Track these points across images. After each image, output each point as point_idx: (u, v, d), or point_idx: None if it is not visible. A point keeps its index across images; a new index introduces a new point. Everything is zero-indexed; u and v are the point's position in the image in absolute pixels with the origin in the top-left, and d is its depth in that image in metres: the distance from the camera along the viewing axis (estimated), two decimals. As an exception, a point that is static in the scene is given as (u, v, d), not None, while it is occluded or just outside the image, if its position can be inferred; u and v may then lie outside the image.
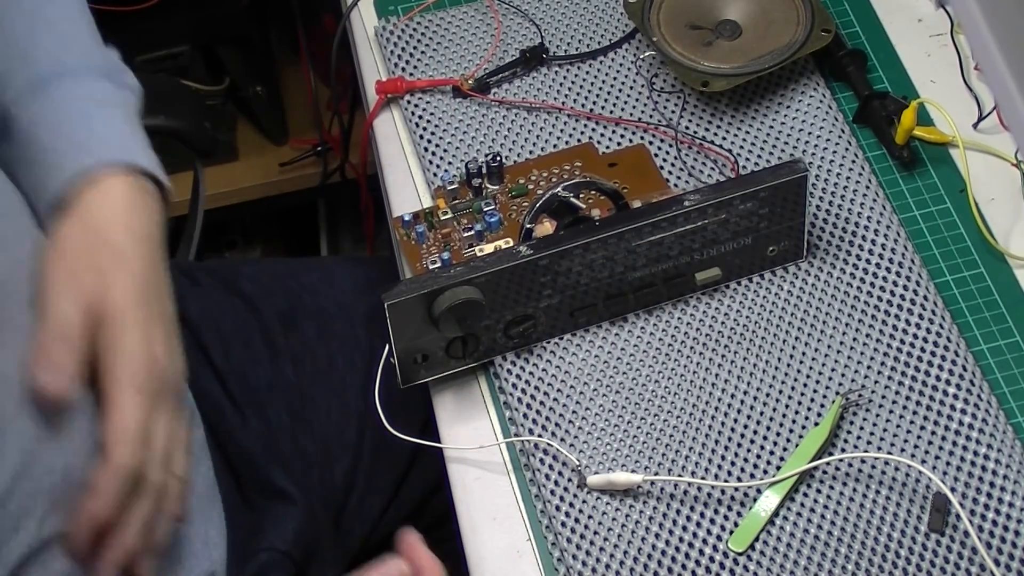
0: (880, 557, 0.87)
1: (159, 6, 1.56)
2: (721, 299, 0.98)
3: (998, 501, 0.88)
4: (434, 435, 0.95)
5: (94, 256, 0.81)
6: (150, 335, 0.81)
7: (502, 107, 1.07)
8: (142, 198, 0.85)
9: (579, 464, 0.91)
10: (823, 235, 1.00)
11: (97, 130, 0.85)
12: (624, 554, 0.88)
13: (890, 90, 1.07)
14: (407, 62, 1.10)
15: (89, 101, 0.86)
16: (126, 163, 0.84)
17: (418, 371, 0.94)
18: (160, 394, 0.81)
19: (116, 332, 0.80)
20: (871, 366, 0.94)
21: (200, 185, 1.34)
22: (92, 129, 0.85)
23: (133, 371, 0.80)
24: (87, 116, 0.85)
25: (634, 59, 1.09)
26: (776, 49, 1.04)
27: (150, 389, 0.80)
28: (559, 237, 0.93)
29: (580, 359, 0.95)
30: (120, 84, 0.90)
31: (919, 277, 0.97)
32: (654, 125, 1.06)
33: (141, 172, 0.85)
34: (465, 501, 0.92)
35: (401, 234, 1.00)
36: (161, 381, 0.81)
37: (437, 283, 0.90)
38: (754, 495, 0.90)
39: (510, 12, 1.12)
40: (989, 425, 0.91)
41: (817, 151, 1.04)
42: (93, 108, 0.86)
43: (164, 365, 0.81)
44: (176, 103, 1.28)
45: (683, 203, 0.92)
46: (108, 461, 0.78)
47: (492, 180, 1.02)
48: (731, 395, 0.94)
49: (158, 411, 0.80)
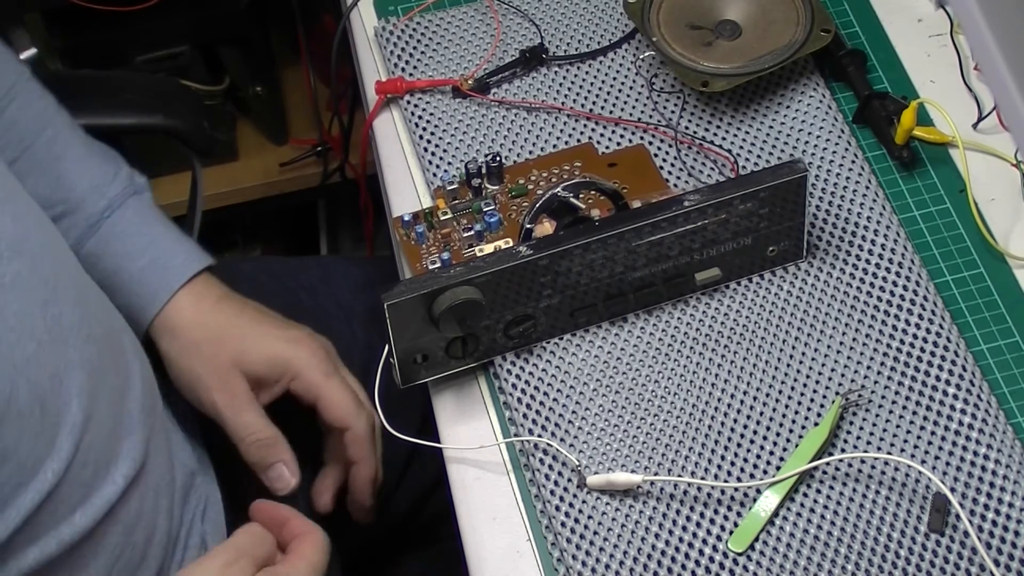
0: (880, 557, 0.87)
1: (159, 6, 1.56)
2: (721, 299, 0.98)
3: (998, 501, 0.88)
4: (433, 435, 0.95)
5: (227, 345, 0.99)
6: (294, 335, 1.01)
7: (502, 107, 1.07)
8: (212, 283, 1.02)
9: (579, 464, 0.91)
10: (823, 235, 1.00)
11: (163, 255, 1.01)
12: (624, 554, 0.88)
13: (890, 90, 1.07)
14: (407, 62, 1.10)
15: (142, 226, 1.01)
16: (195, 272, 1.00)
17: (418, 371, 0.94)
18: (337, 365, 1.02)
19: (293, 367, 1.00)
20: (871, 366, 0.94)
21: (198, 184, 1.34)
22: (159, 255, 1.00)
23: (318, 367, 1.00)
24: (151, 242, 1.01)
25: (634, 59, 1.09)
26: (776, 49, 1.04)
27: (331, 368, 1.00)
28: (559, 237, 0.92)
29: (580, 359, 0.95)
30: (140, 189, 1.03)
31: (919, 277, 0.97)
32: (654, 125, 1.06)
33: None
34: (465, 501, 0.92)
35: (401, 234, 1.00)
36: (330, 355, 1.02)
37: (437, 283, 0.90)
38: (754, 495, 0.90)
39: (510, 12, 1.12)
40: (989, 425, 0.91)
41: (817, 151, 1.04)
42: (147, 229, 1.01)
43: (323, 344, 1.02)
44: (174, 102, 1.28)
45: (683, 203, 0.92)
46: (354, 432, 1.00)
47: (492, 180, 1.02)
48: (731, 395, 0.94)
49: (342, 375, 1.01)
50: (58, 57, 1.67)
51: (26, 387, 0.79)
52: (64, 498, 0.82)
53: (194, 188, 1.34)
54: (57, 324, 0.82)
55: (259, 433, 0.99)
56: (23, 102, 1.01)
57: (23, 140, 1.00)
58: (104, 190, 1.01)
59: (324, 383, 0.99)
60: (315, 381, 0.99)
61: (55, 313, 0.83)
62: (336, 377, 1.00)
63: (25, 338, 0.79)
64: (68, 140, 1.02)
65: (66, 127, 1.02)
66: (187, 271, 1.00)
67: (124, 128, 1.21)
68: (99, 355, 0.86)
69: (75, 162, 1.01)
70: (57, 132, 1.01)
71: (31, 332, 0.80)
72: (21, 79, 1.02)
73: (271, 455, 0.99)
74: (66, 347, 0.83)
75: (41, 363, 0.80)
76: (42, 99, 1.02)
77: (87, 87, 1.09)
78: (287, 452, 1.00)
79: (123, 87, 1.27)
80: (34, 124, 1.01)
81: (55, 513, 0.82)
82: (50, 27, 1.65)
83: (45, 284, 0.83)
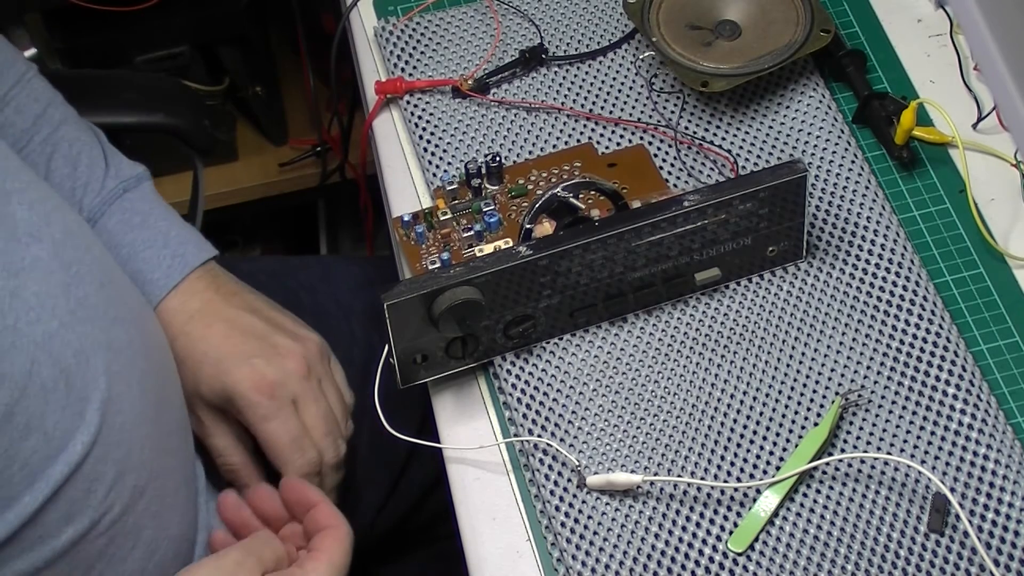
0: (880, 557, 0.87)
1: (159, 6, 1.56)
2: (721, 299, 0.98)
3: (998, 501, 0.88)
4: (433, 434, 0.95)
5: (189, 371, 0.98)
6: (249, 361, 0.98)
7: (501, 107, 1.07)
8: (192, 293, 1.01)
9: (579, 464, 0.91)
10: (823, 235, 1.00)
11: (144, 267, 1.00)
12: (624, 554, 0.88)
13: (889, 90, 1.07)
14: (406, 62, 1.10)
15: (150, 217, 1.02)
16: (203, 262, 1.01)
17: (417, 371, 0.94)
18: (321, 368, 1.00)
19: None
20: (871, 366, 0.94)
21: (200, 184, 1.34)
22: (141, 267, 1.00)
23: (257, 408, 0.97)
24: (131, 254, 1.00)
25: (634, 59, 1.09)
26: (776, 49, 1.04)
27: (273, 408, 0.97)
28: (559, 237, 0.92)
29: (580, 359, 0.95)
30: (140, 178, 1.03)
31: (919, 277, 0.97)
32: (653, 125, 1.06)
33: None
34: (465, 501, 0.92)
35: (401, 234, 1.00)
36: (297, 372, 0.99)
37: (437, 283, 0.90)
38: (754, 495, 0.90)
39: (510, 12, 1.12)
40: (989, 425, 0.91)
41: (817, 151, 1.04)
42: (131, 235, 1.01)
43: (284, 365, 0.99)
44: (176, 101, 1.29)
45: (683, 203, 0.92)
46: (287, 476, 0.97)
47: (492, 180, 1.02)
48: (731, 395, 0.94)
49: (306, 402, 0.98)
50: (58, 57, 1.67)
51: (48, 362, 0.81)
52: (96, 475, 0.84)
53: (195, 188, 1.34)
54: (82, 305, 0.85)
55: (226, 458, 1.00)
56: (18, 105, 1.02)
57: (16, 143, 1.01)
58: (83, 202, 1.01)
59: (259, 426, 0.97)
60: (252, 423, 0.98)
61: (80, 295, 0.85)
62: (276, 420, 0.97)
63: (46, 317, 0.82)
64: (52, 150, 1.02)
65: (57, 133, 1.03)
66: (165, 287, 1.00)
67: (126, 127, 1.22)
68: (127, 337, 0.88)
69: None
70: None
71: (52, 311, 0.82)
72: (23, 79, 1.03)
73: (238, 480, 1.01)
74: (92, 327, 0.85)
75: (65, 340, 0.82)
76: (37, 103, 1.03)
77: (88, 86, 1.09)
78: (254, 478, 1.00)
79: (124, 86, 1.28)
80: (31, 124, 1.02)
81: (89, 490, 0.83)
82: (50, 27, 1.65)
83: (67, 268, 0.85)
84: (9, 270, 0.81)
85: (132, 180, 1.03)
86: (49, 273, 0.83)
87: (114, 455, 0.85)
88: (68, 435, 0.82)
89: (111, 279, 0.91)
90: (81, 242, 0.89)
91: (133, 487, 0.87)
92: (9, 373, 0.79)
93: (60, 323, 0.83)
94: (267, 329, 1.00)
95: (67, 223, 0.89)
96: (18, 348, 0.80)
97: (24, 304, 0.81)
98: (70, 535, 0.83)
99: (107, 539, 0.86)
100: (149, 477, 0.88)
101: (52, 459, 0.81)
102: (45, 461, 0.81)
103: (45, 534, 0.82)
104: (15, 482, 0.80)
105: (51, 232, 0.85)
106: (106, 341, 0.86)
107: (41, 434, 0.80)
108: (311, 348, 1.00)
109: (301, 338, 1.01)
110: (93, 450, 0.83)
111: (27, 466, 0.80)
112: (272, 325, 1.01)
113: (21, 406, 0.79)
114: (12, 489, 0.80)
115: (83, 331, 0.84)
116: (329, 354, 1.03)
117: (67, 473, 0.82)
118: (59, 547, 0.83)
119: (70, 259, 0.86)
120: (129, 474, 0.86)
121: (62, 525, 0.83)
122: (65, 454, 0.82)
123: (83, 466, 0.83)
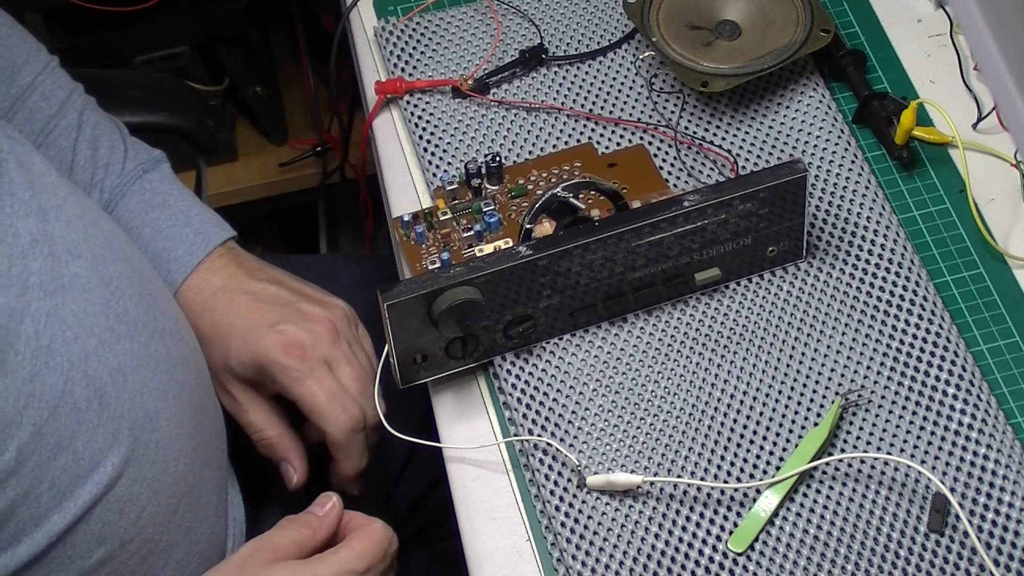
0: (880, 557, 0.87)
1: (159, 6, 1.56)
2: (721, 299, 0.98)
3: (998, 501, 0.88)
4: (433, 434, 0.95)
5: (217, 346, 0.98)
6: (278, 327, 0.97)
7: (501, 107, 1.07)
8: (213, 270, 1.01)
9: (579, 464, 0.91)
10: (823, 235, 1.00)
11: (168, 247, 1.00)
12: (624, 554, 0.88)
13: (889, 90, 1.07)
14: (406, 62, 1.10)
15: (170, 197, 1.03)
16: (224, 240, 1.03)
17: (417, 371, 0.94)
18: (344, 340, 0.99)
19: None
20: (871, 366, 0.94)
21: (203, 184, 1.34)
22: (164, 248, 1.00)
23: (289, 370, 0.96)
24: (181, 212, 1.02)
25: (633, 59, 1.09)
26: (775, 49, 1.04)
27: (306, 368, 0.96)
28: (559, 237, 0.92)
29: (580, 359, 0.95)
30: (158, 160, 1.05)
31: (919, 277, 0.97)
32: (653, 125, 1.06)
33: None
34: (465, 501, 0.92)
35: (400, 234, 1.00)
36: (319, 341, 0.97)
37: (437, 283, 0.90)
38: (754, 495, 0.90)
39: (509, 12, 1.12)
40: (989, 425, 0.91)
41: (816, 151, 1.04)
42: (151, 215, 1.02)
43: (311, 329, 0.98)
44: (179, 101, 1.29)
45: (683, 203, 0.92)
46: (329, 436, 0.97)
47: (491, 180, 1.02)
48: (731, 395, 0.94)
49: (339, 363, 0.97)
50: (58, 57, 1.67)
51: (83, 381, 0.80)
52: (130, 496, 0.83)
53: (199, 187, 1.34)
54: (121, 321, 0.84)
55: (262, 433, 1.00)
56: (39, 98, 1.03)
57: (44, 128, 1.02)
58: (104, 183, 1.01)
59: (295, 388, 0.96)
60: (287, 386, 0.97)
61: (119, 311, 0.84)
62: (311, 379, 0.96)
63: (84, 335, 0.81)
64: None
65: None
66: (189, 264, 0.99)
67: (129, 127, 1.21)
68: (166, 350, 0.88)
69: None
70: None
71: (91, 329, 0.82)
72: (48, 67, 1.05)
73: (275, 454, 1.00)
74: (132, 343, 0.84)
75: (102, 359, 0.82)
76: (54, 97, 1.04)
77: (92, 86, 1.09)
78: (292, 450, 1.00)
79: (128, 86, 1.28)
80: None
81: (121, 512, 0.83)
82: (50, 27, 1.65)
83: (107, 284, 0.85)
84: (46, 289, 0.80)
85: (151, 162, 1.03)
86: (88, 290, 0.83)
87: (148, 474, 0.84)
88: (99, 455, 0.81)
89: (149, 289, 0.90)
90: (120, 254, 0.89)
91: (166, 505, 0.86)
92: (40, 393, 0.78)
93: (98, 341, 0.82)
94: (292, 297, 1.00)
95: (106, 235, 0.88)
96: (51, 368, 0.79)
97: (61, 323, 0.80)
98: (100, 556, 0.83)
99: (139, 559, 0.85)
100: (183, 493, 0.88)
101: (82, 479, 0.81)
102: (75, 481, 0.80)
103: (75, 555, 0.81)
104: (43, 501, 0.79)
105: (90, 247, 0.85)
106: (145, 356, 0.85)
107: (71, 454, 0.80)
108: (338, 313, 1.00)
109: (328, 304, 1.00)
110: (126, 471, 0.83)
111: (56, 485, 0.79)
112: (297, 294, 1.00)
113: (51, 426, 0.78)
114: (40, 508, 0.79)
115: (122, 348, 0.84)
116: (357, 320, 1.02)
117: (97, 494, 0.81)
118: (88, 567, 0.82)
119: (110, 274, 0.85)
120: (163, 493, 0.86)
121: (92, 546, 0.82)
122: (96, 475, 0.81)
123: (115, 487, 0.82)
